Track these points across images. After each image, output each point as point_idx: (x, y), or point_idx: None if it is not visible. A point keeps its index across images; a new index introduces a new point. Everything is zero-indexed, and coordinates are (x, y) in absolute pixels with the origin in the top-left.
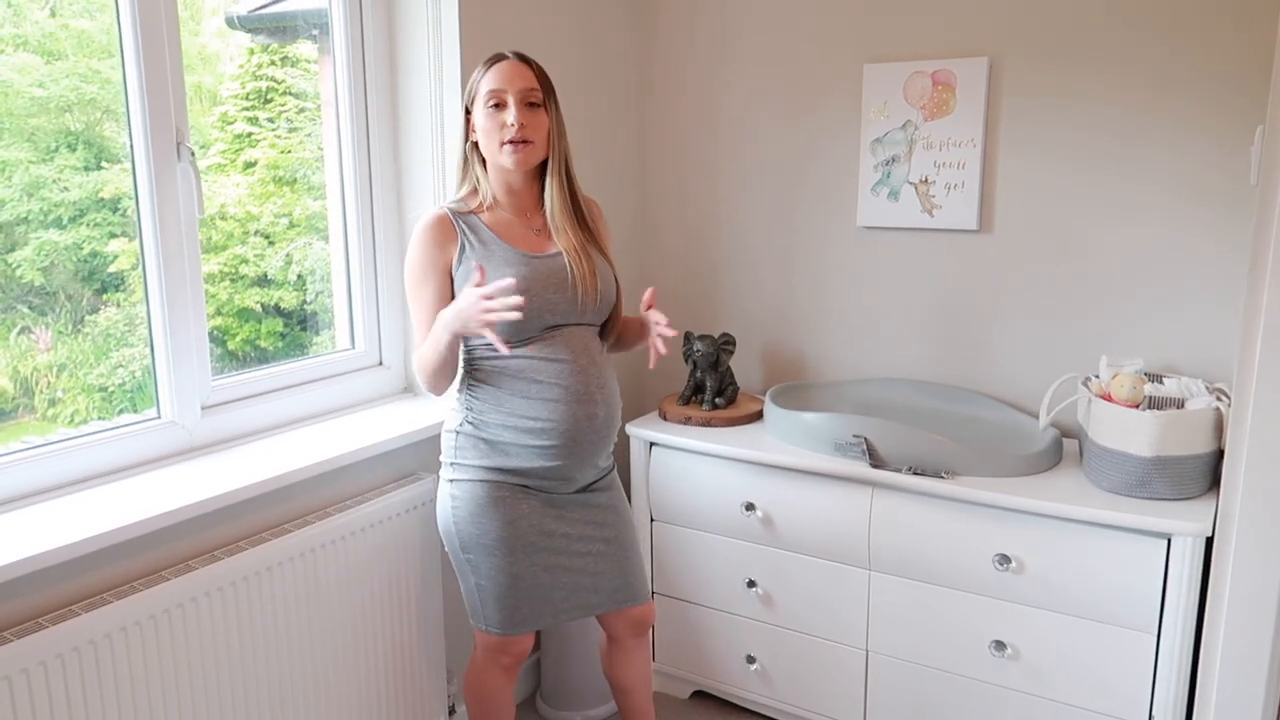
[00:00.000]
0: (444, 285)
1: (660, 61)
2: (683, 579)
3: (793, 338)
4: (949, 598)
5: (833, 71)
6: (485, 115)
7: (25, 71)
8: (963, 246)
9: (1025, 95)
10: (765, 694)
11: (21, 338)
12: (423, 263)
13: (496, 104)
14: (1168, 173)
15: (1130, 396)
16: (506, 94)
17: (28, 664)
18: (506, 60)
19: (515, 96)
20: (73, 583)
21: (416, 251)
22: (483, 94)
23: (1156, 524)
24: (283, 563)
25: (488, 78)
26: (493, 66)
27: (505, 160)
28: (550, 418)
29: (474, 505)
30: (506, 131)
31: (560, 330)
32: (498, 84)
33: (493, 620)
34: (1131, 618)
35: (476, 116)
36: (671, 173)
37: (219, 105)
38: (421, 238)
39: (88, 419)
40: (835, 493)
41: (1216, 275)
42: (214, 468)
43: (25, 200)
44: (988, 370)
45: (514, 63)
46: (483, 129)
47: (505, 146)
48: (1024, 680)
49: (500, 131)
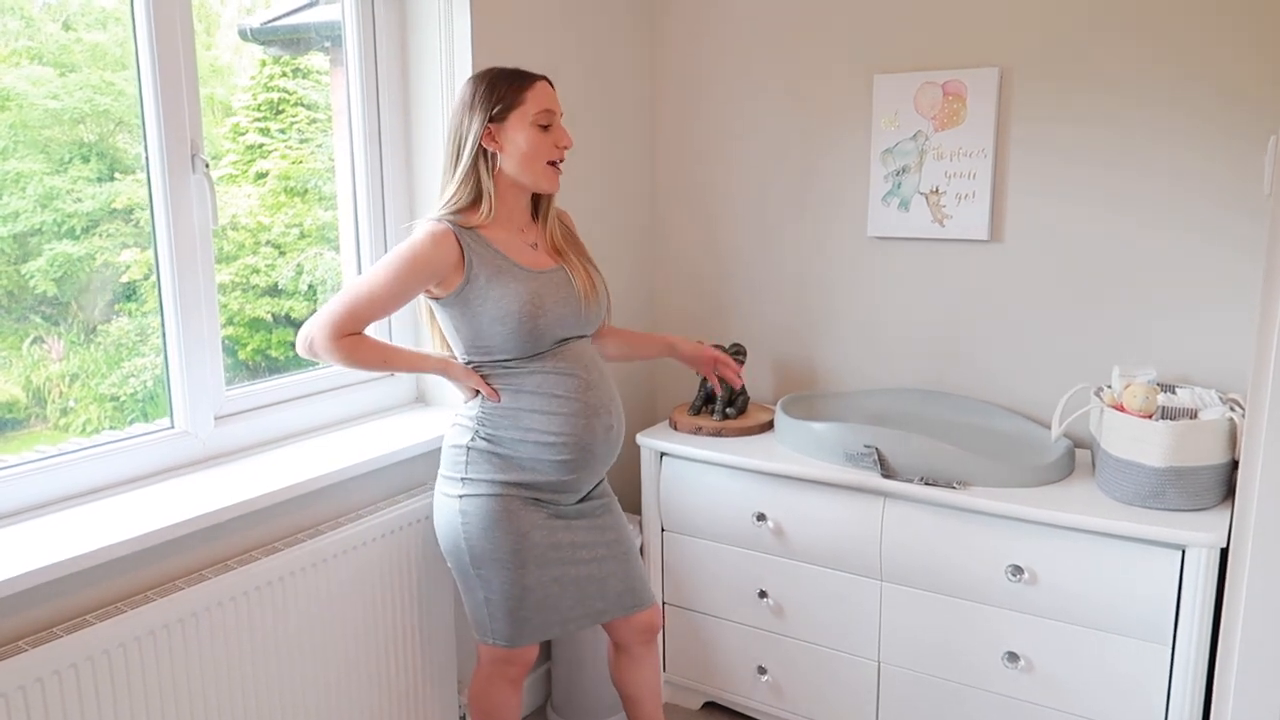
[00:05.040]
0: (413, 291)
1: (670, 72)
2: (693, 589)
3: (803, 347)
4: (961, 609)
5: (843, 82)
6: (531, 133)
7: (40, 83)
8: (974, 256)
9: (1036, 105)
10: (776, 705)
11: (34, 347)
12: (413, 262)
13: (547, 124)
14: (1180, 182)
15: (1143, 407)
16: (555, 114)
17: (42, 673)
18: (543, 80)
19: (559, 118)
20: (87, 592)
21: (418, 250)
22: (531, 111)
23: (1170, 535)
24: (295, 573)
25: (534, 97)
26: (535, 84)
27: (546, 182)
28: (569, 431)
29: (487, 519)
30: (558, 153)
31: (567, 344)
32: (549, 104)
33: (500, 633)
34: (1145, 629)
35: (514, 131)
36: (682, 182)
37: (231, 116)
38: (429, 243)
39: (99, 428)
40: (847, 503)
41: (1229, 285)
42: (227, 477)
43: (39, 211)
44: (999, 380)
45: (547, 84)
46: (527, 144)
47: (547, 168)
48: (1037, 692)
49: (551, 152)
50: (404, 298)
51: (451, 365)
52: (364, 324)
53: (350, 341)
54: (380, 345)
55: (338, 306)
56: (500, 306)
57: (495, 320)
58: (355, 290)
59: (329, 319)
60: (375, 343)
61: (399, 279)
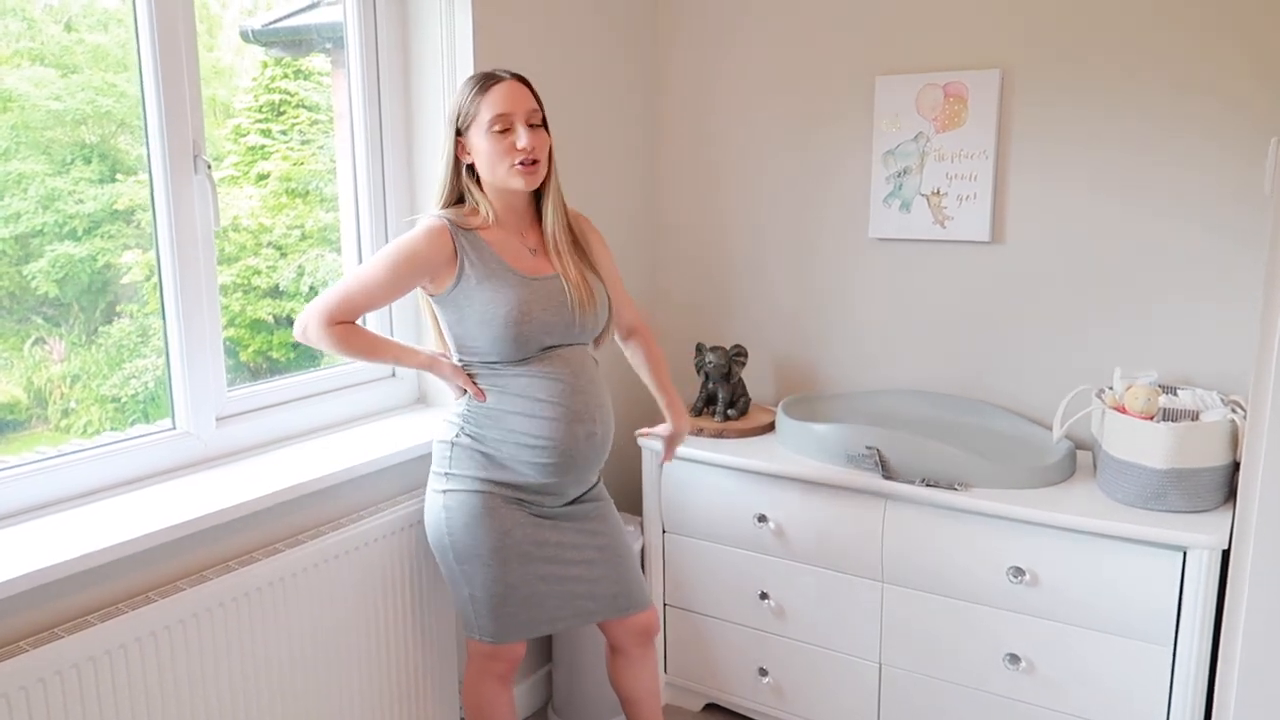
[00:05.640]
0: (406, 285)
1: (672, 73)
2: (694, 591)
3: (805, 349)
4: (962, 610)
5: (845, 84)
6: (490, 139)
7: (41, 85)
8: (975, 258)
9: (1037, 107)
10: (777, 707)
11: (36, 349)
12: (406, 256)
13: (503, 129)
14: (1181, 184)
15: (1144, 408)
16: (513, 117)
17: (44, 674)
18: (505, 81)
19: (521, 119)
20: (88, 593)
21: (411, 245)
22: (485, 119)
23: (1172, 536)
24: (296, 573)
25: (489, 101)
26: (491, 89)
27: (516, 183)
28: (549, 435)
29: (468, 515)
30: (518, 155)
31: (557, 350)
32: (503, 108)
33: (486, 630)
34: (1147, 630)
35: (475, 140)
36: (683, 184)
37: (232, 118)
38: (424, 239)
39: (100, 430)
40: (848, 504)
41: (1231, 287)
42: (228, 478)
43: (41, 212)
44: (1000, 382)
45: (513, 84)
46: (488, 153)
47: (515, 169)
48: (1038, 693)
49: (510, 155)
50: (397, 290)
51: (439, 362)
52: (357, 313)
53: (342, 329)
54: (371, 336)
55: (333, 294)
56: (486, 310)
57: (480, 323)
58: (351, 280)
59: (323, 305)
60: (366, 333)
61: (392, 271)
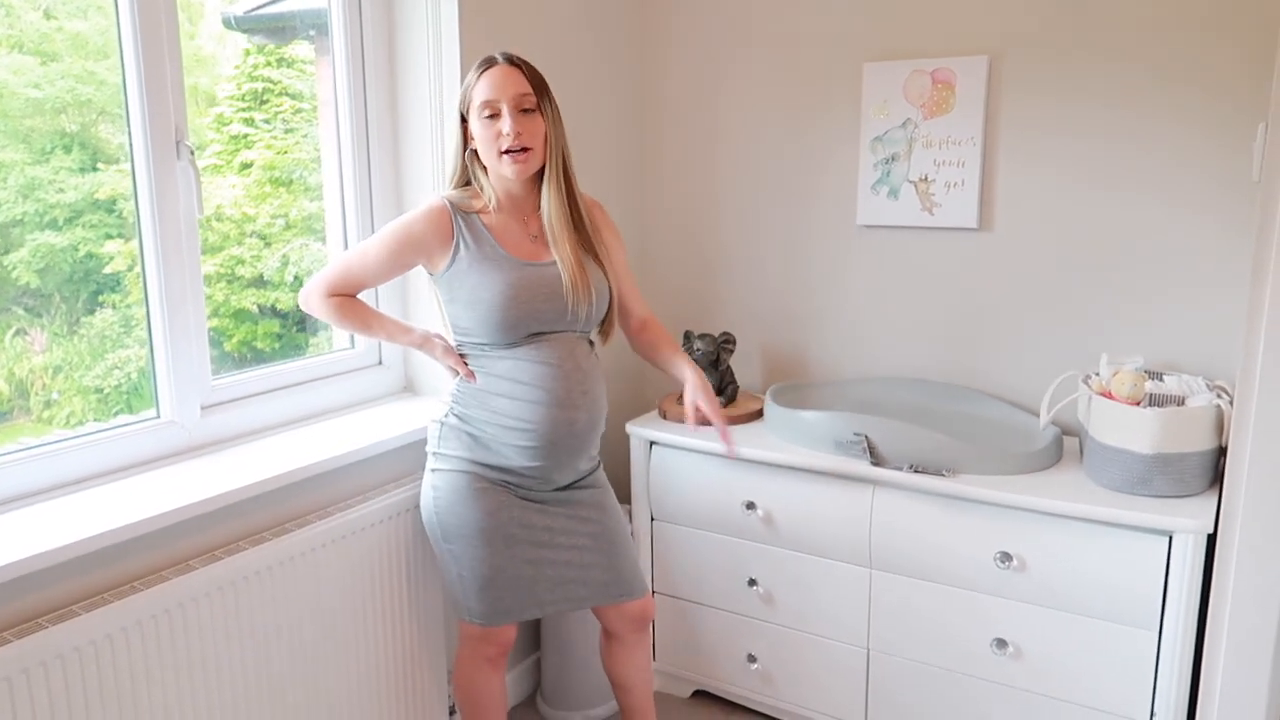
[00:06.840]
0: (404, 262)
1: (661, 59)
2: (683, 578)
3: (793, 336)
4: (950, 596)
5: (833, 70)
6: (481, 125)
7: (20, 73)
8: (962, 245)
9: (1025, 93)
10: (766, 693)
11: (17, 339)
12: (405, 233)
13: (491, 114)
14: (1169, 170)
15: (1131, 394)
16: (500, 103)
17: (28, 664)
18: (497, 66)
19: (509, 104)
20: (73, 583)
21: (410, 223)
22: (476, 104)
23: (1157, 521)
24: (283, 562)
25: (480, 87)
26: (484, 74)
27: (505, 170)
28: (531, 419)
29: (454, 495)
30: (503, 141)
31: (547, 336)
32: (491, 94)
33: (475, 611)
34: (1133, 615)
35: (473, 125)
36: (670, 172)
37: (215, 106)
38: (423, 219)
39: (83, 420)
40: (836, 491)
41: (1218, 273)
42: (214, 467)
43: (21, 202)
44: (988, 368)
45: (505, 68)
46: (480, 139)
47: (504, 156)
48: (1025, 678)
49: (497, 142)
50: (395, 267)
51: (431, 341)
52: (356, 287)
53: (340, 300)
54: (367, 310)
55: (335, 267)
56: (475, 292)
57: (470, 305)
58: (352, 254)
59: (324, 277)
60: (363, 307)
61: (390, 248)
